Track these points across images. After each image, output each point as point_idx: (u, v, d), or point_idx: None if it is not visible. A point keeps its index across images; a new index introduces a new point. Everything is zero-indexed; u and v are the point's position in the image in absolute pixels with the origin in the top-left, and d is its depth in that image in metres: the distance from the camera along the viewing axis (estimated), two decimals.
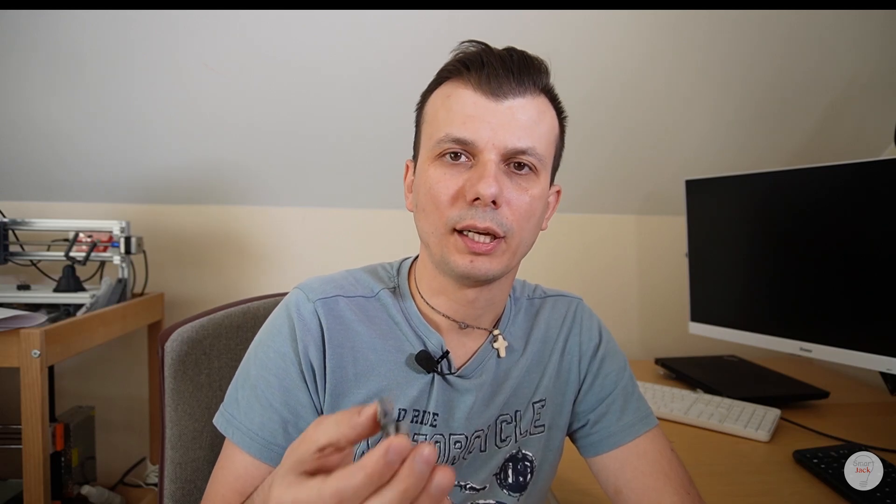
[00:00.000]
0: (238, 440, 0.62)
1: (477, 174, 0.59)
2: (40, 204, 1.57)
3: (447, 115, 0.61)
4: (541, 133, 0.62)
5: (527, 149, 0.60)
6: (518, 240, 0.62)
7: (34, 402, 1.08)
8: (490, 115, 0.59)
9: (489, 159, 0.59)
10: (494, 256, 0.60)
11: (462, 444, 0.68)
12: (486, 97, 0.60)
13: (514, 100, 0.60)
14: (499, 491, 0.71)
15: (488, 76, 0.60)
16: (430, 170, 0.62)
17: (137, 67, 1.35)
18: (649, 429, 0.73)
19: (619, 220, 1.79)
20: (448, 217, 0.60)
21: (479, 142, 0.59)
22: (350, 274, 0.72)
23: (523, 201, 0.61)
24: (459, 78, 0.62)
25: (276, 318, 0.67)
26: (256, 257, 1.66)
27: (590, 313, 0.80)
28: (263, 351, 0.65)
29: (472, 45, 0.63)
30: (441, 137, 0.61)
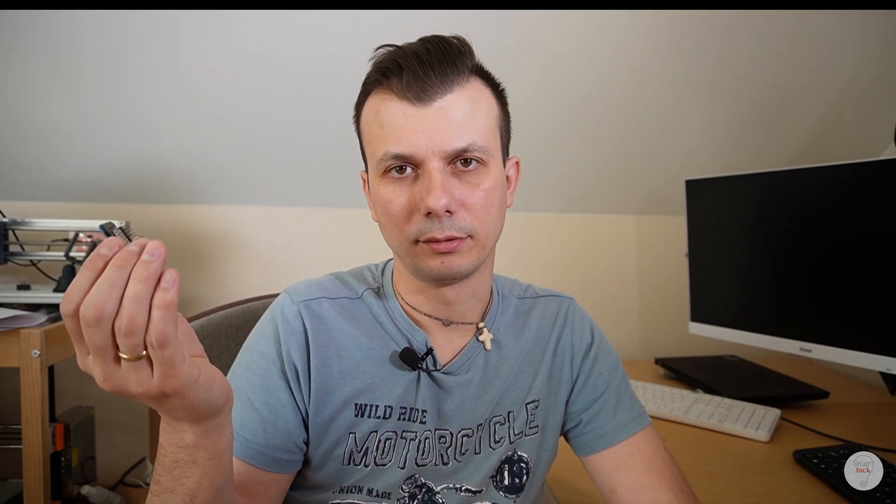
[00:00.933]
0: None
1: (424, 187, 0.58)
2: (40, 204, 1.57)
3: (381, 131, 0.60)
4: (478, 124, 0.60)
5: (467, 146, 0.59)
6: (484, 234, 0.61)
7: (34, 402, 1.08)
8: (422, 123, 0.58)
9: (433, 168, 0.58)
10: (462, 253, 0.60)
11: (447, 440, 0.68)
12: (413, 104, 0.58)
13: (442, 98, 0.58)
14: (495, 493, 0.71)
15: (409, 81, 0.58)
16: (381, 188, 0.61)
17: (137, 67, 1.35)
18: (642, 427, 0.74)
19: (619, 220, 1.79)
20: (408, 233, 0.60)
21: (418, 153, 0.58)
22: (336, 276, 0.73)
23: (478, 198, 0.60)
24: (382, 87, 0.61)
25: (262, 322, 0.69)
26: (256, 257, 1.66)
27: (581, 313, 0.80)
28: (248, 354, 0.67)
29: (387, 49, 0.62)
30: (381, 156, 0.60)
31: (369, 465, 0.66)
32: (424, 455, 0.67)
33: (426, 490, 0.68)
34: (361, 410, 0.66)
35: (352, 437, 0.66)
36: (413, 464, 0.67)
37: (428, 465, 0.67)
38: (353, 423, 0.66)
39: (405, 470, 0.67)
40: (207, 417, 0.47)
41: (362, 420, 0.66)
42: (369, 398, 0.66)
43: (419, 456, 0.67)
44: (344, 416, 0.65)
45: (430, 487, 0.68)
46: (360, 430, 0.66)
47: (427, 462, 0.67)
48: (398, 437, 0.66)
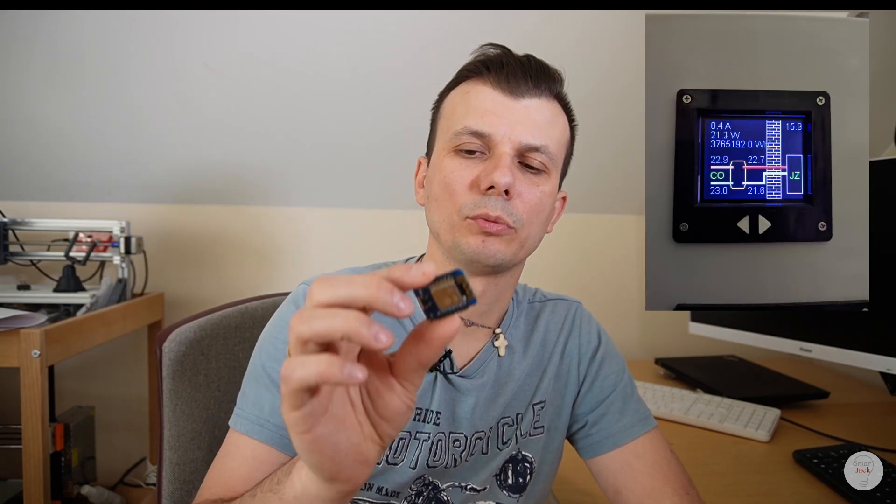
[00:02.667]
0: (246, 429, 0.62)
1: (492, 164, 0.61)
2: (40, 204, 1.57)
3: (465, 109, 0.64)
4: (553, 134, 0.64)
5: (540, 146, 0.62)
6: (527, 233, 0.63)
7: (34, 402, 1.08)
8: (507, 112, 0.62)
9: (504, 152, 0.61)
10: (504, 240, 0.62)
11: (461, 444, 0.68)
12: (505, 95, 0.62)
13: (530, 100, 0.63)
14: (498, 492, 0.71)
15: (507, 76, 0.62)
16: (446, 160, 0.64)
17: (137, 67, 1.35)
18: (648, 430, 0.74)
19: (620, 220, 1.79)
20: (462, 205, 0.62)
21: (495, 135, 0.61)
22: (354, 272, 0.72)
23: (534, 195, 0.63)
24: (479, 77, 0.65)
25: (283, 312, 0.68)
26: (256, 257, 1.66)
27: (589, 317, 0.80)
28: (270, 343, 0.66)
29: (493, 47, 0.66)
30: (459, 130, 0.63)
31: (381, 463, 0.66)
32: (436, 457, 0.67)
33: (432, 487, 0.68)
34: None
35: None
36: (424, 464, 0.67)
37: (439, 466, 0.68)
38: None
39: (416, 470, 0.67)
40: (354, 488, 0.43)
41: None
42: None
43: (431, 457, 0.67)
44: None
45: (436, 485, 0.68)
46: None
47: (438, 464, 0.68)
48: (411, 438, 0.67)
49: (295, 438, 0.38)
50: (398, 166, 1.59)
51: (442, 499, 0.69)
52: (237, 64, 1.37)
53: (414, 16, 1.30)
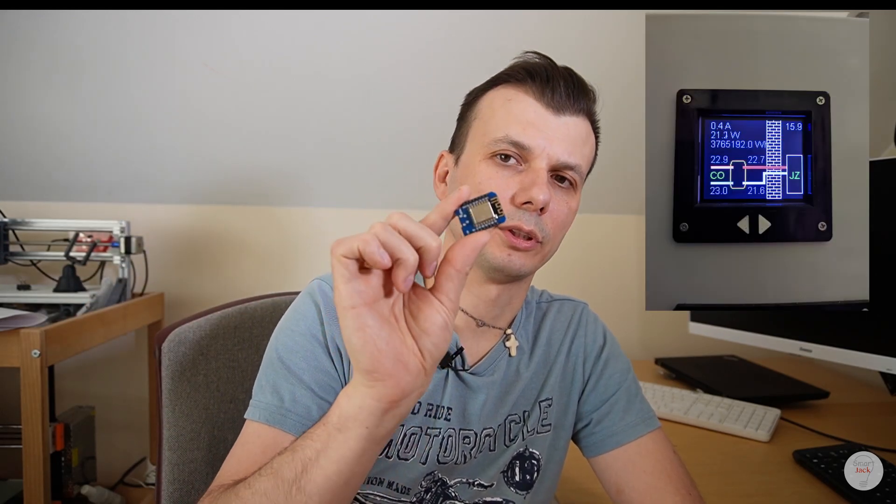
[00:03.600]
0: (266, 418, 0.61)
1: (530, 179, 0.61)
2: (40, 204, 1.57)
3: (507, 116, 0.64)
4: (585, 153, 0.66)
5: (574, 165, 0.63)
6: (551, 247, 0.65)
7: (34, 402, 1.08)
8: (548, 127, 0.62)
9: (541, 167, 0.61)
10: (530, 255, 0.63)
11: (471, 441, 0.69)
12: (547, 109, 0.63)
13: (570, 117, 0.64)
14: (506, 489, 0.72)
15: (552, 90, 0.63)
16: (482, 166, 0.64)
17: (137, 67, 1.35)
18: (652, 430, 0.74)
19: (620, 220, 1.79)
20: None
21: (535, 149, 0.62)
22: None
23: (563, 212, 0.64)
24: (521, 85, 0.65)
25: (299, 306, 0.68)
26: (256, 257, 1.66)
27: (595, 317, 0.82)
28: (288, 336, 0.65)
29: (538, 56, 0.66)
30: (499, 137, 0.63)
31: (392, 457, 0.66)
32: (447, 453, 0.68)
33: (441, 484, 0.69)
34: None
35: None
36: (435, 460, 0.68)
37: (449, 462, 0.68)
38: None
39: (426, 465, 0.67)
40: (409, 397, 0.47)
41: None
42: None
43: (441, 453, 0.68)
44: None
45: (444, 481, 0.69)
46: None
47: (448, 460, 0.68)
48: (422, 433, 0.67)
49: (342, 316, 0.44)
50: (399, 166, 1.59)
51: (450, 494, 0.69)
52: (237, 64, 1.37)
53: (415, 16, 1.30)
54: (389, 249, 0.43)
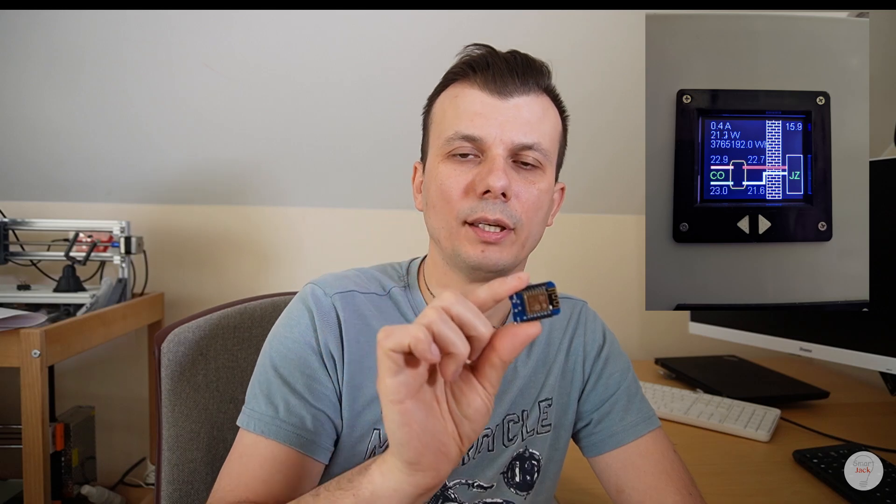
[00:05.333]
0: (262, 429, 0.61)
1: (486, 168, 0.61)
2: (40, 204, 1.57)
3: (455, 113, 0.63)
4: (545, 130, 0.64)
5: (532, 144, 0.62)
6: (527, 232, 0.64)
7: (34, 402, 1.08)
8: (497, 113, 0.62)
9: (497, 154, 0.61)
10: (504, 246, 0.62)
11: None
12: (493, 96, 0.62)
13: (519, 98, 0.63)
14: (506, 490, 0.72)
15: (494, 76, 0.62)
16: (440, 166, 0.64)
17: (137, 67, 1.35)
18: (652, 429, 0.74)
19: (620, 220, 1.79)
20: (459, 210, 0.62)
21: (487, 138, 0.61)
22: (361, 272, 0.73)
23: (531, 194, 0.63)
24: (466, 79, 0.65)
25: (293, 311, 0.67)
26: (256, 257, 1.66)
27: (594, 316, 0.81)
28: (281, 342, 0.65)
29: (477, 47, 0.66)
30: (450, 135, 0.63)
31: None
32: None
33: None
34: None
35: (376, 433, 0.66)
36: None
37: None
38: (379, 420, 0.65)
39: None
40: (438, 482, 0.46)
41: None
42: None
43: None
44: (371, 411, 0.65)
45: (444, 483, 0.68)
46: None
47: None
48: None
49: (387, 409, 0.42)
50: (399, 166, 1.59)
51: (449, 496, 0.69)
52: (237, 64, 1.37)
53: (415, 16, 1.30)
54: (441, 343, 0.41)
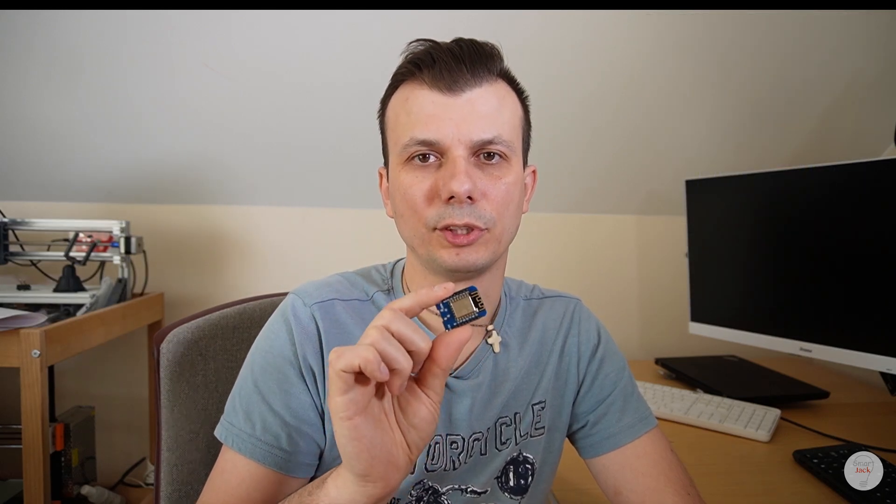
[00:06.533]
0: (239, 447, 0.62)
1: (448, 172, 0.58)
2: (40, 204, 1.57)
3: (408, 118, 0.61)
4: (504, 119, 0.61)
5: (493, 138, 0.60)
6: (501, 228, 0.62)
7: (34, 402, 1.08)
8: (450, 111, 0.59)
9: (458, 155, 0.59)
10: (479, 246, 0.60)
11: (459, 446, 0.67)
12: (444, 93, 0.59)
13: (471, 91, 0.60)
14: (500, 494, 0.71)
15: (441, 72, 0.59)
16: (402, 175, 0.61)
17: (137, 67, 1.35)
18: (649, 429, 0.73)
19: (619, 221, 1.79)
20: (427, 218, 0.60)
21: (444, 140, 0.59)
22: (345, 277, 0.72)
23: (499, 190, 0.61)
24: (413, 79, 0.62)
25: (272, 325, 0.67)
26: (256, 257, 1.66)
27: (588, 314, 0.79)
28: (261, 357, 0.65)
29: (420, 43, 0.63)
30: (406, 142, 0.60)
31: None
32: (434, 460, 0.67)
33: (432, 492, 0.67)
34: None
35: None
36: (423, 468, 0.66)
37: (438, 469, 0.67)
38: None
39: (415, 474, 0.66)
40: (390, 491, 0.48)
41: None
42: None
43: (429, 461, 0.66)
44: None
45: (436, 489, 0.68)
46: None
47: (437, 467, 0.67)
48: None
49: (338, 426, 0.44)
50: None
51: (442, 502, 0.68)
52: (237, 64, 1.37)
53: (415, 16, 1.30)
54: (388, 361, 0.44)
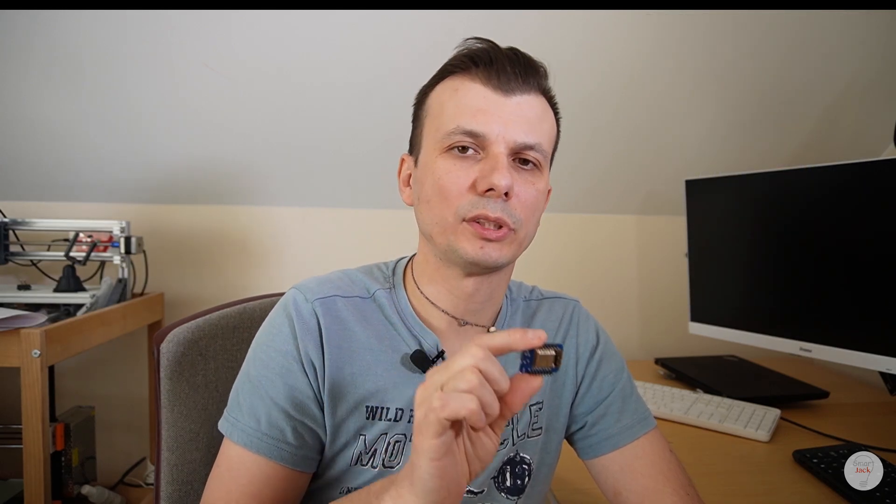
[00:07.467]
0: (245, 442, 0.62)
1: (489, 166, 0.59)
2: (40, 204, 1.57)
3: (456, 107, 0.62)
4: (544, 130, 0.63)
5: (534, 144, 0.61)
6: (525, 232, 0.63)
7: (34, 402, 1.08)
8: (500, 110, 0.60)
9: (500, 152, 0.60)
10: (504, 244, 0.61)
11: None
12: (496, 92, 0.61)
13: (521, 96, 0.61)
14: (497, 494, 0.71)
15: (497, 72, 0.61)
16: (439, 161, 0.62)
17: (137, 67, 1.35)
18: (648, 430, 0.73)
19: (619, 221, 1.79)
20: (458, 206, 0.60)
21: (489, 135, 0.60)
22: (346, 274, 0.71)
23: (531, 194, 0.62)
24: (466, 73, 0.63)
25: (274, 319, 0.67)
26: (256, 257, 1.66)
27: (587, 315, 0.79)
28: (263, 351, 0.65)
29: (479, 41, 0.64)
30: (451, 129, 0.61)
31: (377, 467, 0.65)
32: None
33: None
34: (373, 413, 0.65)
35: (362, 440, 0.65)
36: None
37: None
38: (364, 426, 0.65)
39: None
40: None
41: (373, 423, 0.65)
42: (380, 401, 0.65)
43: None
44: (355, 417, 0.65)
45: None
46: (371, 433, 0.65)
47: None
48: (407, 440, 0.66)
49: (425, 464, 0.46)
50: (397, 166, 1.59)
51: None
52: (237, 64, 1.37)
53: (415, 16, 1.30)
54: (485, 408, 0.45)
